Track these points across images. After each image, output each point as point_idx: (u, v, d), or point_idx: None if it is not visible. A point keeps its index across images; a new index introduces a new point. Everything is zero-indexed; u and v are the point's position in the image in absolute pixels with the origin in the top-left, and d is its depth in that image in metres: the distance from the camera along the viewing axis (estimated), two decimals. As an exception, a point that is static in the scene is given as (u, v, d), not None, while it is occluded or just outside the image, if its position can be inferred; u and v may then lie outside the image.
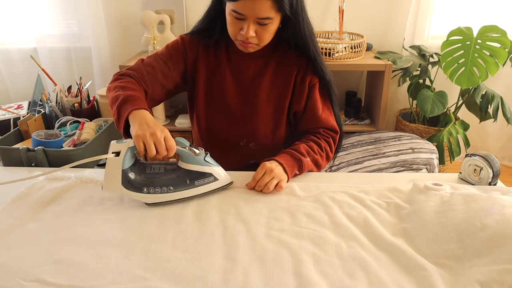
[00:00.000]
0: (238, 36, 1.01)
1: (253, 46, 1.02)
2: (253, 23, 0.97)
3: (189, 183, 0.90)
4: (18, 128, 1.30)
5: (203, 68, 1.12)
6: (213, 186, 0.92)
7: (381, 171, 1.74)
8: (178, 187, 0.89)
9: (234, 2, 0.94)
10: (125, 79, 1.04)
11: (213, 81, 1.13)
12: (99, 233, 0.80)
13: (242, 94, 1.13)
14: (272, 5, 0.93)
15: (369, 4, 2.28)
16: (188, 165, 0.91)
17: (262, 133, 1.15)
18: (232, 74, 1.12)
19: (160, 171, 0.92)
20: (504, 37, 1.87)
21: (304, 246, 0.76)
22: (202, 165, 0.91)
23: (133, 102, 0.94)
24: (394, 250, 0.74)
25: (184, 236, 0.79)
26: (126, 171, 0.88)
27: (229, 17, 0.99)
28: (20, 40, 2.43)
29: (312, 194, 0.93)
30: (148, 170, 0.92)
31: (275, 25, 1.00)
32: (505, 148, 2.56)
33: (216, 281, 0.67)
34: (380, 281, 0.67)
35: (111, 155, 0.88)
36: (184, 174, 0.91)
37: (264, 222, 0.83)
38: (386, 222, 0.83)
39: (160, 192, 0.88)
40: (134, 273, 0.69)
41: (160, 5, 2.31)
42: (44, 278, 0.68)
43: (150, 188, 0.88)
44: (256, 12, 0.94)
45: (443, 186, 0.86)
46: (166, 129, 0.89)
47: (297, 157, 1.01)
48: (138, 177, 0.90)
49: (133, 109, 0.92)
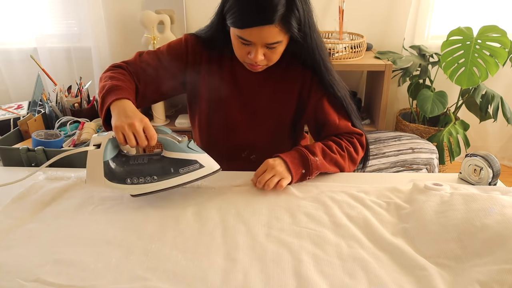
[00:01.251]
0: (246, 59, 0.98)
1: (262, 67, 1.00)
2: (261, 47, 0.94)
3: (173, 171, 0.87)
4: (18, 128, 1.30)
5: (206, 77, 1.09)
6: (199, 174, 0.88)
7: (381, 171, 1.74)
8: (162, 177, 0.87)
9: (240, 29, 0.91)
10: (117, 70, 1.03)
11: (215, 91, 1.10)
12: (99, 233, 0.80)
13: (244, 106, 1.10)
14: (280, 30, 0.90)
15: (369, 4, 2.28)
16: (171, 153, 0.88)
17: (262, 146, 1.13)
18: (235, 85, 1.09)
19: (144, 161, 0.89)
20: (504, 37, 1.87)
21: (304, 246, 0.76)
22: (186, 152, 0.88)
23: (117, 91, 0.92)
24: (394, 250, 0.74)
25: (184, 236, 0.79)
26: (107, 163, 0.86)
27: (236, 41, 0.96)
28: (20, 40, 2.43)
29: (311, 195, 0.93)
30: (131, 161, 0.89)
31: (283, 46, 0.97)
32: (505, 148, 2.56)
33: (216, 281, 0.67)
34: (380, 281, 0.66)
35: (92, 147, 0.86)
36: (168, 163, 0.88)
37: (264, 222, 0.83)
38: (386, 222, 0.83)
39: (144, 182, 0.86)
40: (134, 273, 0.69)
41: (160, 5, 2.31)
42: (44, 278, 0.68)
43: (134, 179, 0.86)
44: (264, 38, 0.91)
45: (443, 186, 0.86)
46: (146, 118, 0.87)
47: (305, 155, 0.95)
48: (121, 169, 0.88)
49: (115, 99, 0.90)
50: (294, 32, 0.92)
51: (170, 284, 0.67)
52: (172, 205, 0.89)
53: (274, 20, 0.88)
